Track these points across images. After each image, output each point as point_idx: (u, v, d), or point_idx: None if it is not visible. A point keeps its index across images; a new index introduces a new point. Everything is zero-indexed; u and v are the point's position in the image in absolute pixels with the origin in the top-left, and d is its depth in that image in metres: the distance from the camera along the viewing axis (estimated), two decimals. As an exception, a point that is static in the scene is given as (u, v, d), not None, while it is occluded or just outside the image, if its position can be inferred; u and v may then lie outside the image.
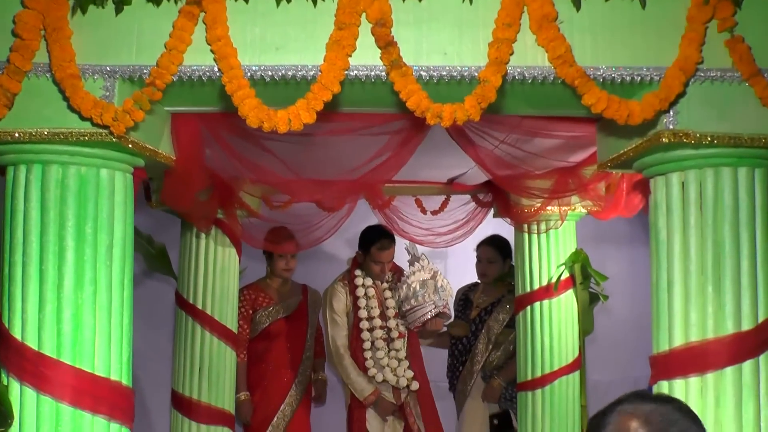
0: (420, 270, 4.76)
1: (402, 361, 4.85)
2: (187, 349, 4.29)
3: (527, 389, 4.46)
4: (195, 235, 4.30)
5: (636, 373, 5.75)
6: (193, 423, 4.27)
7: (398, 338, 4.87)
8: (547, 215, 4.31)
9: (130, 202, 2.65)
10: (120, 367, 2.62)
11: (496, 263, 5.00)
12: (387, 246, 4.75)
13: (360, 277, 4.90)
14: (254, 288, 4.88)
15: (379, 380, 4.79)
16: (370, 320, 4.85)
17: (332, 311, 4.85)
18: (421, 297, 4.69)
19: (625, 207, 3.57)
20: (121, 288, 2.61)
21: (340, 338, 4.82)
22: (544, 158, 3.25)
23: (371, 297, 4.88)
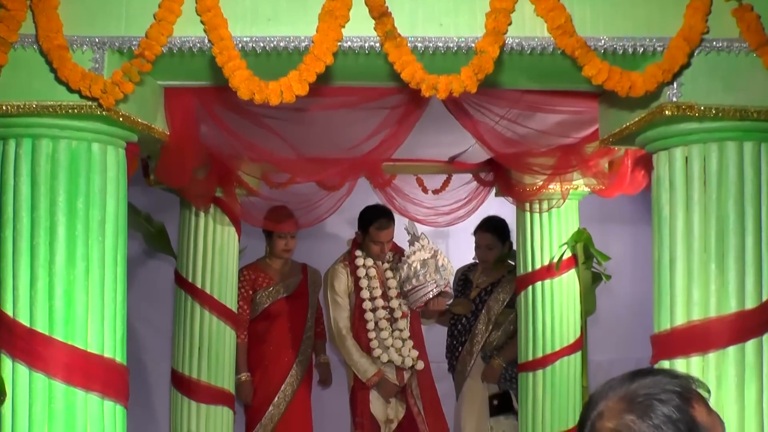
0: (420, 249, 4.68)
1: (406, 341, 4.81)
2: (186, 328, 4.25)
3: (528, 370, 4.41)
4: (194, 214, 4.25)
5: (637, 354, 5.64)
6: (193, 402, 4.24)
7: (401, 318, 4.82)
8: (549, 194, 4.24)
9: (123, 177, 2.60)
10: (113, 345, 2.57)
11: (495, 248, 4.91)
12: (385, 225, 4.70)
13: (361, 257, 4.84)
14: (254, 268, 4.82)
15: (384, 361, 4.73)
16: (373, 300, 4.80)
17: (333, 293, 4.79)
18: (422, 276, 4.61)
19: (629, 184, 3.49)
20: (114, 264, 2.55)
21: (342, 320, 4.76)
22: (545, 135, 3.18)
23: (372, 277, 4.82)
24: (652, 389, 1.39)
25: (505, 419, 4.84)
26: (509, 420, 4.83)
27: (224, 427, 4.32)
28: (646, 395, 1.38)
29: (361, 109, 2.82)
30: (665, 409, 1.36)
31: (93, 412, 2.48)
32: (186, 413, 4.25)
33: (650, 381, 1.41)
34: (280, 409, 4.77)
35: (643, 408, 1.37)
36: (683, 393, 1.38)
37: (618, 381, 1.44)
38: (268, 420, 4.74)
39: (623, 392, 1.41)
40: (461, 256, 5.30)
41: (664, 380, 1.41)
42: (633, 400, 1.38)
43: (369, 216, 4.74)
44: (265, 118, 3.05)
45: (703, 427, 1.37)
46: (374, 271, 4.84)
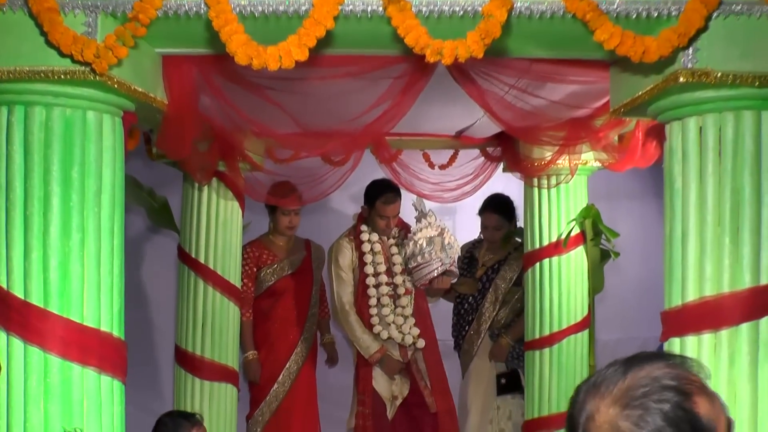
0: (427, 227, 4.56)
1: (408, 319, 4.71)
2: (189, 304, 4.19)
3: (535, 348, 4.32)
4: (197, 188, 4.17)
5: (645, 334, 5.59)
6: (196, 379, 4.17)
7: (404, 295, 4.72)
8: (558, 169, 4.13)
9: (119, 147, 2.51)
10: (110, 318, 2.49)
11: (502, 228, 4.79)
12: (392, 200, 4.58)
13: (366, 232, 4.73)
14: (257, 245, 4.74)
15: (384, 337, 4.64)
16: (376, 276, 4.69)
17: (338, 267, 4.70)
18: (427, 254, 4.49)
19: (641, 157, 3.37)
20: (111, 235, 2.47)
21: (345, 295, 4.67)
22: (555, 106, 3.07)
23: (377, 253, 4.72)
24: (648, 387, 1.23)
25: (512, 398, 4.76)
26: (516, 399, 4.75)
27: (228, 405, 4.26)
28: (641, 396, 1.23)
29: (363, 78, 2.71)
30: (663, 409, 1.21)
31: (90, 387, 2.41)
32: (190, 390, 4.19)
33: (645, 374, 1.26)
34: (285, 387, 4.70)
35: (638, 413, 1.22)
36: (681, 387, 1.25)
37: (610, 373, 1.27)
38: (273, 398, 4.68)
39: (616, 392, 1.26)
40: (468, 233, 5.20)
41: (660, 372, 1.25)
42: (628, 404, 1.23)
43: (376, 190, 4.63)
44: (265, 90, 2.95)
45: (706, 420, 1.25)
46: (379, 247, 4.74)
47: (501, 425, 4.75)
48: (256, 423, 4.69)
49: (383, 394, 4.68)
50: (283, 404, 4.69)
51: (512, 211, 4.82)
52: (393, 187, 4.57)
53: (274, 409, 4.68)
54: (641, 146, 3.46)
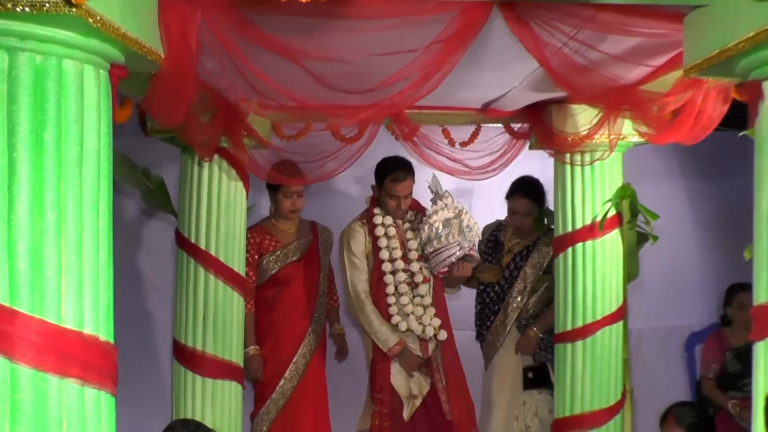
0: (443, 208, 4.04)
1: (428, 309, 4.18)
2: (189, 294, 3.65)
3: (566, 340, 3.80)
4: (197, 165, 3.62)
5: (668, 323, 5.13)
6: (197, 377, 3.65)
7: (423, 283, 4.19)
8: (594, 145, 3.61)
9: (106, 106, 1.94)
10: (96, 318, 1.94)
11: (533, 214, 4.28)
12: (401, 177, 4.06)
13: (379, 215, 4.21)
14: (258, 230, 4.18)
15: (402, 329, 4.12)
16: (393, 262, 4.17)
17: (350, 253, 4.18)
18: (444, 238, 3.97)
19: (693, 129, 2.81)
20: (96, 215, 1.90)
21: (360, 283, 4.15)
22: (617, 61, 2.53)
23: (392, 237, 4.20)
24: None
25: (539, 393, 4.26)
26: (543, 395, 4.25)
27: (232, 404, 3.73)
28: None
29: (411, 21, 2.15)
30: None
31: (70, 403, 1.85)
32: (190, 389, 3.66)
33: None
34: (292, 383, 4.17)
35: None
36: None
37: None
38: (280, 395, 4.14)
39: None
40: (485, 215, 4.65)
41: None
42: None
43: (385, 168, 4.13)
44: (280, 45, 2.38)
45: None
46: (394, 231, 4.22)
47: (527, 422, 4.25)
48: (261, 422, 4.16)
49: (401, 392, 4.16)
50: (291, 401, 4.16)
51: (543, 195, 4.29)
52: (403, 165, 4.10)
53: (281, 407, 4.15)
54: (694, 117, 2.90)
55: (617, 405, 3.78)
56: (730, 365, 4.45)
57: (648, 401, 4.48)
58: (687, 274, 5.16)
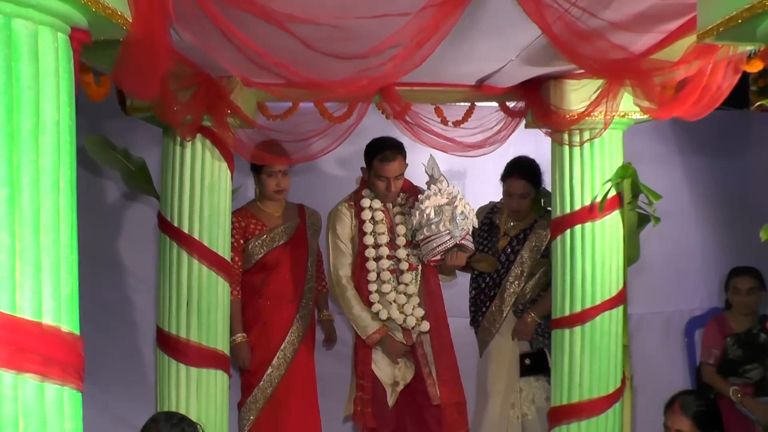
0: (436, 194, 3.80)
1: (411, 298, 3.95)
2: (172, 280, 3.45)
3: (564, 326, 3.61)
4: (179, 146, 3.41)
5: (670, 308, 4.94)
6: (182, 366, 3.45)
7: (408, 271, 3.97)
8: (592, 122, 3.41)
9: (66, 73, 1.72)
10: (57, 307, 1.73)
11: (529, 196, 4.09)
12: (390, 157, 3.83)
13: (367, 198, 4.00)
14: (244, 214, 3.98)
15: (383, 317, 3.91)
16: (377, 248, 3.95)
17: (335, 236, 3.98)
18: (434, 226, 3.74)
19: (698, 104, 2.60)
20: (56, 192, 1.69)
21: (342, 267, 3.95)
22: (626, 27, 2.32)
23: (379, 221, 3.98)
24: None
25: (536, 380, 4.08)
26: (540, 381, 4.07)
27: (218, 393, 3.55)
28: None
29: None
30: None
31: (28, 402, 1.64)
32: (174, 378, 3.47)
33: None
34: (280, 371, 3.98)
35: None
36: None
37: None
38: (267, 383, 3.96)
39: None
40: (478, 198, 4.45)
41: None
42: None
43: (373, 148, 3.91)
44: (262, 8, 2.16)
45: None
46: (382, 215, 3.99)
47: (524, 409, 4.08)
48: (249, 411, 3.97)
49: (383, 379, 3.98)
50: (279, 390, 3.98)
51: (539, 176, 4.10)
52: (392, 144, 3.88)
53: (268, 395, 3.97)
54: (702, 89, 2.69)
55: (616, 393, 3.60)
56: (731, 351, 4.28)
57: (648, 388, 4.34)
58: (687, 256, 4.98)
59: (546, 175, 4.01)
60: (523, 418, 4.08)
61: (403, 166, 3.92)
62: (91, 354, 4.46)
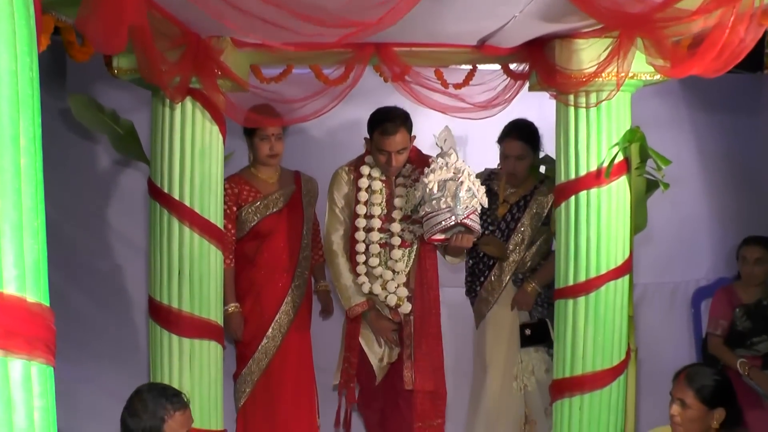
0: (442, 167, 3.50)
1: (398, 275, 3.75)
2: (163, 248, 3.31)
3: (567, 296, 3.44)
4: (169, 109, 3.23)
5: (676, 278, 4.78)
6: (174, 336, 3.32)
7: (400, 247, 3.76)
8: (601, 84, 3.22)
9: (24, 19, 1.54)
10: (21, 275, 1.57)
11: (526, 158, 3.90)
12: (391, 131, 3.59)
13: (368, 165, 3.79)
14: (237, 180, 3.82)
15: (364, 291, 3.75)
16: (368, 219, 3.76)
17: (332, 200, 3.81)
18: (436, 202, 3.45)
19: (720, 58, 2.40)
20: (16, 151, 1.52)
21: (335, 233, 3.79)
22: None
23: (376, 192, 3.77)
24: None
25: (535, 352, 3.94)
26: (539, 353, 3.93)
27: (212, 364, 3.42)
28: None
29: None
30: None
31: (-10, 379, 1.52)
32: (167, 349, 3.35)
33: None
34: (275, 342, 3.85)
35: None
36: None
37: None
38: (262, 354, 3.83)
39: None
40: (481, 164, 4.26)
41: None
42: None
43: (374, 119, 3.68)
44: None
45: None
46: (380, 185, 3.77)
47: (524, 381, 3.93)
48: (244, 382, 3.85)
49: (370, 357, 3.82)
50: (274, 361, 3.85)
51: (537, 139, 3.92)
52: (395, 116, 3.62)
53: (263, 367, 3.84)
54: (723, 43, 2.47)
55: (621, 365, 3.45)
56: (739, 322, 4.13)
57: (652, 360, 4.20)
58: (695, 225, 4.80)
59: (550, 140, 3.83)
60: (523, 391, 3.95)
61: (407, 140, 3.67)
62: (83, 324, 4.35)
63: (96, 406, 4.11)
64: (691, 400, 2.85)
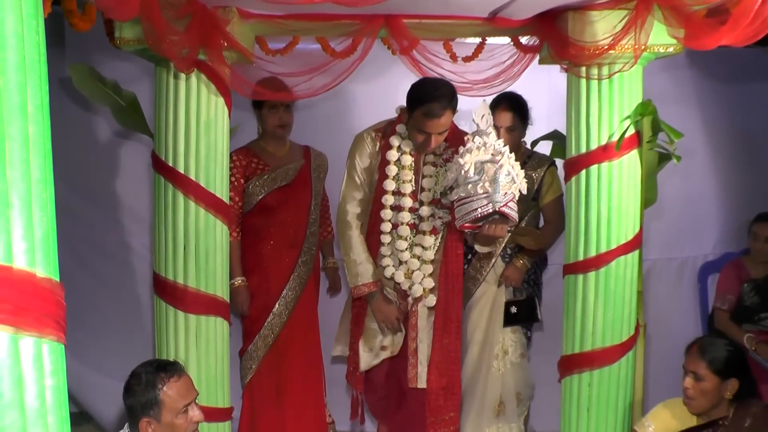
0: (479, 147, 3.09)
1: (425, 265, 3.45)
2: (168, 223, 3.22)
3: (577, 272, 3.37)
4: (173, 79, 3.13)
5: (684, 253, 4.72)
6: (180, 312, 3.23)
7: (430, 234, 3.45)
8: (614, 56, 3.13)
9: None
10: (30, 249, 1.49)
11: (516, 130, 3.78)
12: (437, 113, 3.19)
13: (399, 136, 3.43)
14: (245, 152, 3.73)
15: (387, 275, 3.45)
16: (398, 197, 3.42)
17: (352, 165, 3.45)
18: (472, 187, 3.03)
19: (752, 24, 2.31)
20: (24, 120, 1.43)
21: (351, 202, 3.45)
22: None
23: (406, 167, 3.41)
24: None
25: (512, 333, 3.83)
26: (517, 334, 3.84)
27: (218, 341, 3.34)
28: None
29: None
30: None
31: (1, 357, 1.43)
32: (172, 325, 3.26)
33: None
34: (282, 319, 3.77)
35: None
36: None
37: None
38: (269, 331, 3.76)
39: None
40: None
41: None
42: None
43: (419, 95, 3.24)
44: None
45: None
46: (410, 160, 3.41)
47: (504, 360, 3.83)
48: (250, 359, 3.79)
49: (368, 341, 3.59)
50: (281, 338, 3.79)
51: (527, 111, 3.83)
52: (443, 96, 3.20)
53: (270, 344, 3.77)
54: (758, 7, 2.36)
55: (630, 341, 3.39)
56: (747, 297, 4.07)
57: (660, 336, 4.15)
58: (703, 200, 4.73)
59: (555, 116, 3.75)
60: (500, 371, 3.83)
61: (451, 120, 3.28)
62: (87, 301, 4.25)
63: (100, 383, 4.04)
64: (704, 372, 2.82)
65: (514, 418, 3.85)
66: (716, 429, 2.86)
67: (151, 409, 2.40)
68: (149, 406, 2.40)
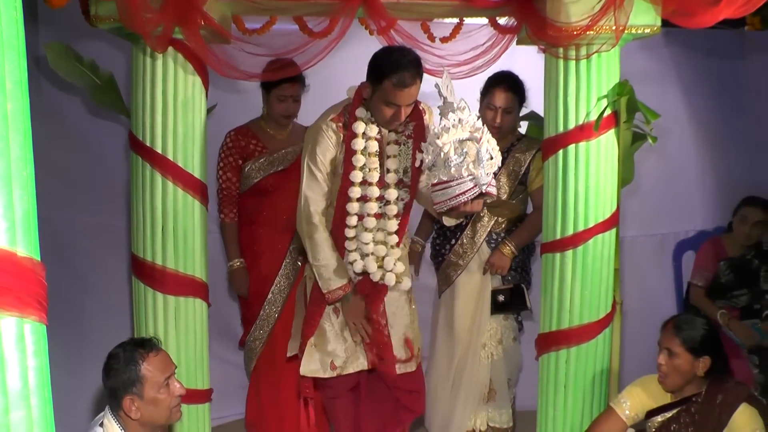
0: (457, 125, 2.88)
1: (392, 250, 3.27)
2: (146, 204, 3.19)
3: (555, 250, 3.39)
4: (149, 58, 3.09)
5: (663, 230, 4.77)
6: (158, 294, 3.22)
7: (394, 218, 3.28)
8: (592, 37, 3.14)
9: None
10: (11, 228, 1.48)
11: (513, 112, 3.73)
12: (408, 82, 2.99)
13: (362, 121, 3.19)
14: (244, 132, 3.69)
15: (357, 270, 3.26)
16: (366, 187, 3.23)
17: (312, 160, 3.18)
18: (455, 169, 2.85)
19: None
20: (2, 94, 1.43)
21: (316, 201, 3.19)
22: None
23: (372, 154, 3.21)
24: None
25: (505, 320, 3.81)
26: (509, 321, 3.82)
27: (197, 322, 3.34)
28: None
29: None
30: None
31: (-20, 338, 1.43)
32: (151, 307, 3.25)
33: None
34: (276, 307, 3.75)
35: None
36: None
37: None
38: (264, 320, 3.73)
39: None
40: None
41: None
42: None
43: (387, 65, 3.01)
44: None
45: None
46: (376, 146, 3.20)
47: (492, 350, 3.82)
48: (250, 350, 3.77)
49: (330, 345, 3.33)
50: (276, 328, 3.75)
51: (524, 93, 3.82)
52: (411, 63, 3.01)
53: (266, 336, 3.75)
54: None
55: (607, 318, 3.44)
56: (722, 275, 4.14)
57: (637, 312, 4.21)
58: (681, 178, 4.79)
59: (533, 95, 3.76)
60: (490, 359, 3.81)
61: (419, 90, 3.09)
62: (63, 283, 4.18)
63: (78, 365, 4.02)
64: (678, 349, 2.87)
65: (504, 403, 3.83)
66: (690, 406, 2.91)
67: (134, 386, 2.39)
68: (131, 383, 2.39)
